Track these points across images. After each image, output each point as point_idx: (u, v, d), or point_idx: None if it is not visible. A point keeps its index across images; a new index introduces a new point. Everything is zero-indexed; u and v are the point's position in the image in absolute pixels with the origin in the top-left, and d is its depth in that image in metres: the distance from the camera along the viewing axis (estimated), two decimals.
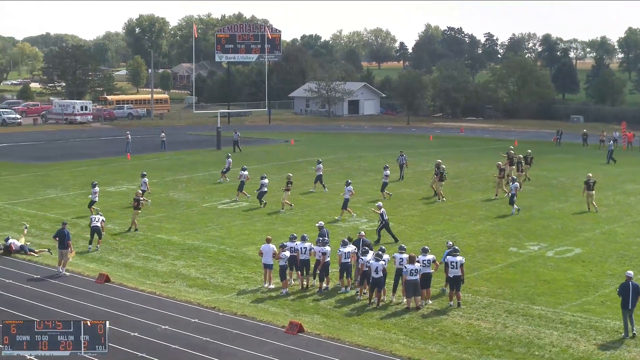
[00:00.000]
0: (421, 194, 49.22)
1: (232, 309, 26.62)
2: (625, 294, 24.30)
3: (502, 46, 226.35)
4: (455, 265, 26.84)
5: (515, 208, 43.01)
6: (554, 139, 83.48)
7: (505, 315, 26.01)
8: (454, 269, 26.83)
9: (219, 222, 41.04)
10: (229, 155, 56.29)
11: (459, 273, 26.86)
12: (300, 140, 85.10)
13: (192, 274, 31.28)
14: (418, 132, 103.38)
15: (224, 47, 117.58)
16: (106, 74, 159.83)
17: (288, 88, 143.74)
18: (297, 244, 29.16)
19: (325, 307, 26.94)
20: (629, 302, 24.19)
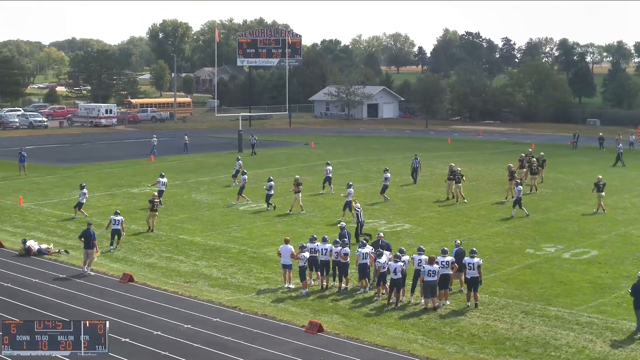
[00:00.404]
0: (439, 196, 49.10)
1: (253, 308, 26.66)
2: (638, 294, 24.24)
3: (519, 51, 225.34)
4: (472, 267, 26.77)
5: (525, 212, 42.64)
6: (571, 142, 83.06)
7: (522, 316, 25.91)
8: (471, 270, 26.76)
9: (240, 223, 41.10)
10: (239, 158, 55.91)
11: (477, 274, 26.78)
12: (320, 143, 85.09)
13: (213, 274, 31.35)
14: (436, 135, 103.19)
15: (245, 51, 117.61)
16: (130, 78, 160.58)
17: (308, 92, 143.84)
18: (317, 245, 29.17)
19: (345, 307, 26.93)
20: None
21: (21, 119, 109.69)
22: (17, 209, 45.09)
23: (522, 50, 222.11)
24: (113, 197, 49.16)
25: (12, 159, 65.81)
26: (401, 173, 58.53)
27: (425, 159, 60.77)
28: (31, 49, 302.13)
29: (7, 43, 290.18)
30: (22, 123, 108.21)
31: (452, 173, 47.64)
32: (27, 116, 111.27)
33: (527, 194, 47.71)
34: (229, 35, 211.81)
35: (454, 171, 47.74)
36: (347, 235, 31.40)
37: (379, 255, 27.83)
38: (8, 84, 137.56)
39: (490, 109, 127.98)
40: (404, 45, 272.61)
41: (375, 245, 29.34)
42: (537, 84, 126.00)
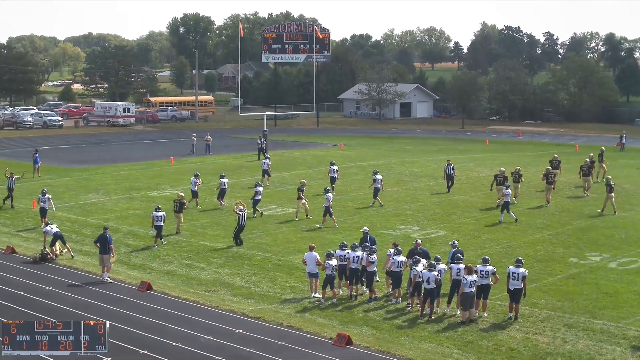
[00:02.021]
0: (476, 200, 48.93)
1: (278, 319, 26.69)
2: None
3: (562, 46, 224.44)
4: (517, 277, 26.61)
5: (513, 216, 42.68)
6: (618, 144, 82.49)
7: (565, 329, 25.75)
8: (515, 280, 26.61)
9: (265, 228, 41.18)
10: (267, 158, 55.32)
11: (520, 285, 26.62)
12: (349, 145, 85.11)
13: (236, 283, 31.42)
14: (473, 136, 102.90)
15: (270, 47, 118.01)
16: (149, 75, 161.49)
17: (337, 90, 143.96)
18: (347, 253, 29.14)
19: (375, 319, 26.89)
20: None
21: (35, 118, 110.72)
22: (31, 212, 45.45)
23: (566, 45, 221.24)
24: (131, 201, 49.43)
25: (26, 160, 66.39)
26: (437, 177, 58.36)
27: (461, 161, 60.55)
28: (46, 44, 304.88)
29: (20, 38, 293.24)
30: (36, 122, 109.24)
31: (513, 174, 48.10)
32: (41, 115, 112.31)
33: (580, 197, 47.40)
34: (253, 29, 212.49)
35: (516, 172, 49.21)
36: (370, 240, 31.36)
37: (416, 262, 27.74)
38: (21, 81, 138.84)
39: (531, 108, 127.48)
40: (439, 40, 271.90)
41: (411, 253, 29.26)
42: (582, 82, 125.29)
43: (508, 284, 26.76)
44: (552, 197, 48.63)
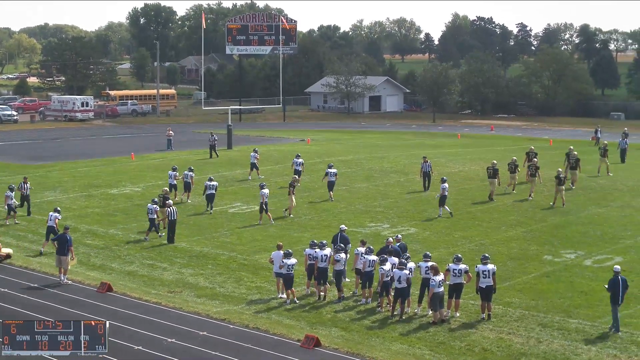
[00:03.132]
0: (448, 197, 49.02)
1: (244, 320, 26.66)
2: (616, 288, 25.60)
3: (536, 38, 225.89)
4: (487, 274, 26.78)
5: (448, 210, 43.32)
6: (593, 138, 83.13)
7: (539, 329, 25.93)
8: (486, 278, 26.78)
9: (230, 227, 41.10)
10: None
11: (491, 283, 26.82)
12: (317, 139, 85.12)
13: (200, 283, 31.34)
14: (444, 130, 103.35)
15: (235, 38, 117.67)
16: (109, 68, 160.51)
17: (304, 83, 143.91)
18: (316, 252, 29.14)
19: (344, 320, 26.93)
20: (618, 297, 25.58)
21: None
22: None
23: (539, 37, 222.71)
24: (90, 199, 49.13)
25: None
26: (407, 173, 58.54)
27: (433, 156, 60.65)
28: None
29: None
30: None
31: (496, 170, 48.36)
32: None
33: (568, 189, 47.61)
34: (217, 20, 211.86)
35: (512, 163, 50.37)
36: (342, 239, 31.34)
37: (383, 261, 27.81)
38: None
39: (504, 101, 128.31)
40: (410, 31, 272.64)
41: (382, 252, 29.34)
42: (556, 74, 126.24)
43: (479, 282, 26.90)
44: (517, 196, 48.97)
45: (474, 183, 54.26)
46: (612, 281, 25.85)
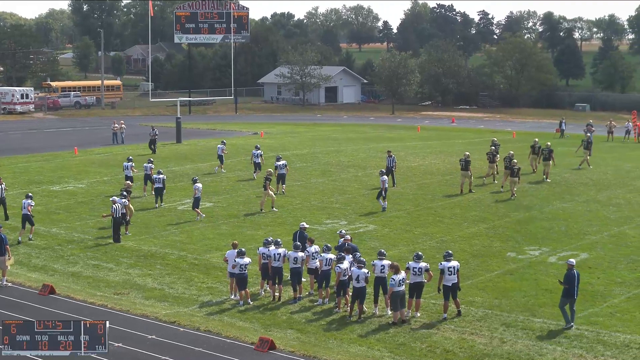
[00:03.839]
0: (408, 192, 49.30)
1: (194, 323, 26.56)
2: (571, 283, 26.08)
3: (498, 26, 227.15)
4: (452, 271, 26.93)
5: (382, 204, 44.03)
6: (557, 130, 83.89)
7: (503, 328, 26.11)
8: (451, 275, 26.93)
9: (179, 225, 40.94)
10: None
11: (457, 280, 27.03)
12: (270, 132, 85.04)
13: (148, 284, 31.19)
14: (404, 122, 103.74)
15: (184, 26, 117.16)
16: (50, 58, 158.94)
17: (257, 73, 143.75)
18: (270, 250, 29.08)
19: (300, 321, 26.93)
20: (574, 292, 26.05)
21: None
22: None
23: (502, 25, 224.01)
24: None
25: None
26: (365, 167, 58.69)
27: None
28: None
29: None
30: None
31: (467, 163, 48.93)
32: None
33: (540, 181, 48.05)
34: (164, 7, 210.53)
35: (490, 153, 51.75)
36: (300, 237, 31.30)
37: (340, 259, 27.83)
38: None
39: (466, 92, 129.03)
40: (367, 19, 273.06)
41: (339, 249, 29.37)
42: (519, 64, 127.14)
43: (443, 280, 26.99)
44: (487, 188, 49.36)
45: (434, 177, 54.53)
46: (568, 275, 26.26)
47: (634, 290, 29.99)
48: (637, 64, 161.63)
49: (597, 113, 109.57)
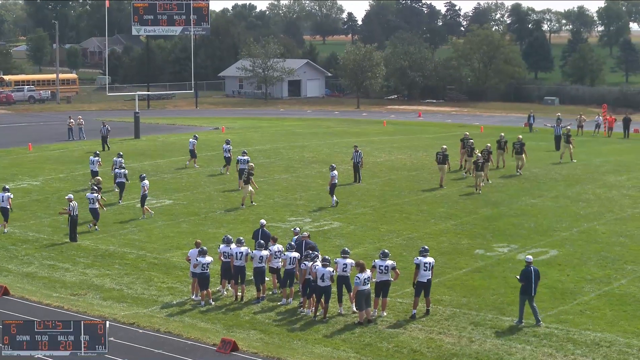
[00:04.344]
0: (374, 188, 49.39)
1: (154, 324, 26.47)
2: (528, 280, 26.30)
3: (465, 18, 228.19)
4: (428, 267, 27.04)
5: (334, 200, 44.44)
6: (526, 124, 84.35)
7: (471, 328, 26.23)
8: (426, 271, 27.03)
9: (138, 223, 40.77)
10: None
11: (431, 276, 27.28)
12: (232, 127, 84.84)
13: (106, 285, 31.03)
14: (369, 116, 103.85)
15: (142, 18, 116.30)
16: (2, 50, 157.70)
17: (218, 66, 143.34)
18: (231, 248, 29.03)
19: (264, 322, 26.91)
20: (532, 289, 26.29)
21: None
22: None
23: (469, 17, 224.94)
24: None
25: None
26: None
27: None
28: None
29: None
30: None
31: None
32: None
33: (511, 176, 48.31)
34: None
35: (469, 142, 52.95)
36: (263, 235, 31.23)
37: (307, 257, 27.78)
38: None
39: (432, 85, 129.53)
40: (331, 11, 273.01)
41: (300, 248, 29.36)
42: (486, 57, 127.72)
43: (417, 276, 27.06)
44: (456, 183, 49.59)
45: (401, 173, 54.67)
46: (525, 272, 26.50)
47: (604, 287, 30.25)
48: (607, 56, 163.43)
49: (567, 107, 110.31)
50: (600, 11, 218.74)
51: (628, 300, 28.70)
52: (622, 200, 45.96)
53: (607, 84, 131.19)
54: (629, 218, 41.58)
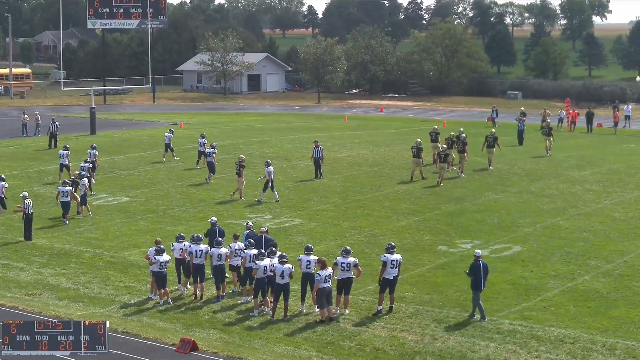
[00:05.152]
0: (335, 184, 49.44)
1: (112, 324, 26.32)
2: (477, 274, 26.69)
3: (427, 11, 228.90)
4: (395, 264, 27.18)
5: (276, 196, 44.73)
6: (489, 119, 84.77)
7: (434, 325, 26.34)
8: (393, 268, 27.13)
9: (95, 221, 40.54)
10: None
11: (397, 273, 27.48)
12: (190, 123, 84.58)
13: (62, 284, 30.86)
14: (330, 111, 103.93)
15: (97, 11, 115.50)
16: None
17: (176, 60, 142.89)
18: (189, 245, 28.91)
19: (224, 321, 26.89)
20: (481, 283, 26.68)
21: None
22: None
23: (431, 10, 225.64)
24: None
25: None
26: (290, 158, 58.73)
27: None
28: None
29: None
30: None
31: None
32: None
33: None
34: None
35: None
36: (219, 232, 31.12)
37: (259, 255, 27.67)
38: None
39: (394, 80, 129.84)
40: (291, 4, 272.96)
41: (258, 244, 29.28)
42: (449, 51, 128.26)
43: (384, 273, 27.14)
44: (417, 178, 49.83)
45: (362, 169, 54.76)
46: (473, 266, 26.81)
47: (567, 283, 30.49)
48: (570, 50, 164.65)
49: (530, 101, 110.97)
50: (563, 4, 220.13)
51: (592, 296, 28.93)
52: (586, 196, 46.32)
53: (570, 78, 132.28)
54: (593, 213, 41.92)
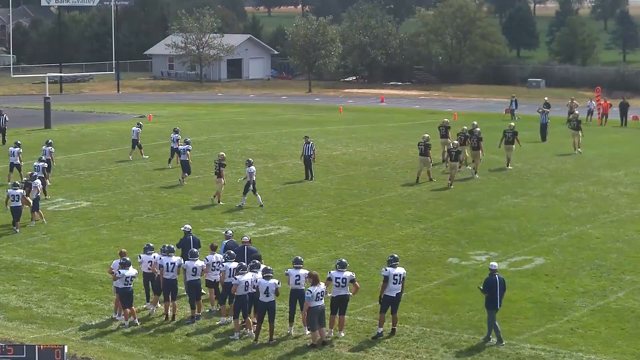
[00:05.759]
0: (329, 187, 49.41)
1: (70, 349, 26.27)
2: (493, 290, 26.46)
3: None
4: (398, 280, 27.05)
5: (259, 200, 44.72)
6: (507, 111, 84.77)
7: (444, 350, 26.30)
8: (396, 284, 27.04)
9: (50, 229, 40.46)
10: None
11: (400, 289, 27.28)
12: (161, 115, 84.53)
13: (12, 302, 30.80)
14: (323, 102, 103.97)
15: None
16: None
17: (144, 43, 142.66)
18: (159, 258, 28.83)
19: (199, 345, 26.85)
20: (497, 301, 26.45)
21: None
22: None
23: None
24: None
25: None
26: (277, 156, 58.70)
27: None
28: None
29: None
30: None
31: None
32: None
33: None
34: None
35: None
36: (193, 242, 31.07)
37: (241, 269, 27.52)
38: None
39: (397, 66, 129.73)
40: None
41: (241, 256, 29.15)
42: (460, 32, 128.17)
43: (385, 290, 27.06)
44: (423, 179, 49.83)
45: (361, 169, 54.73)
46: (489, 281, 26.67)
47: (598, 301, 30.44)
48: (601, 31, 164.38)
49: (554, 90, 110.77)
50: None
51: (626, 317, 28.91)
52: (619, 200, 46.33)
53: (601, 64, 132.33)
54: (627, 220, 41.93)
